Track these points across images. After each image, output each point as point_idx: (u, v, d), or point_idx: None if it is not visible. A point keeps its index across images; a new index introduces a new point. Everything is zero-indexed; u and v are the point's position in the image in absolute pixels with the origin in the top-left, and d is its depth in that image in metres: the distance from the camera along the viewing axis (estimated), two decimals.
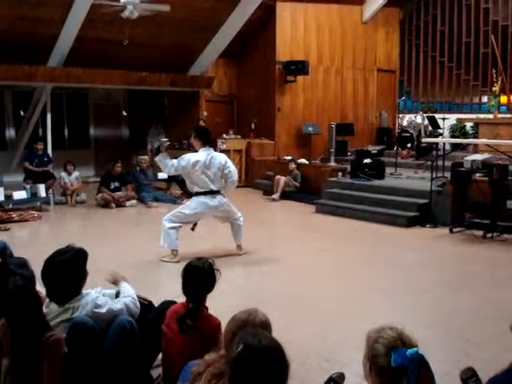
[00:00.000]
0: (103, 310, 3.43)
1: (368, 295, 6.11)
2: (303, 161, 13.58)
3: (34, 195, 11.02)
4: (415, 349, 2.09)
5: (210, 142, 7.54)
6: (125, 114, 15.67)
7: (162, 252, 7.40)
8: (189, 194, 12.38)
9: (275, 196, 12.47)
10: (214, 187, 7.29)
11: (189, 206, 7.41)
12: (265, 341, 2.13)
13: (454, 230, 9.13)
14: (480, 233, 8.80)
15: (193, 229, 7.61)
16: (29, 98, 14.27)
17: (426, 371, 2.09)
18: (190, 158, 7.21)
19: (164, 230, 7.29)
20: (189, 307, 3.40)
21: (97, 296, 3.52)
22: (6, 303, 3.04)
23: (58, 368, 3.01)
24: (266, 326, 2.64)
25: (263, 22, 14.71)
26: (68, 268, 3.37)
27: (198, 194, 7.30)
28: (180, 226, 7.37)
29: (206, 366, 2.48)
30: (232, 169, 7.40)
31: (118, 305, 3.54)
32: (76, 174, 12.26)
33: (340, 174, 12.25)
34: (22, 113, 14.79)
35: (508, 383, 2.37)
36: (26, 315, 2.99)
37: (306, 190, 12.51)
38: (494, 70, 13.56)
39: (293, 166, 12.94)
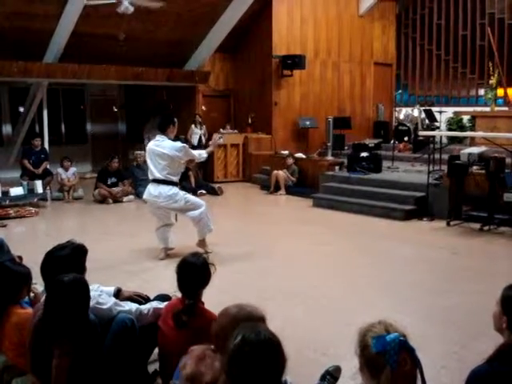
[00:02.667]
0: (104, 307, 3.44)
1: (365, 288, 6.12)
2: (300, 155, 13.58)
3: (30, 191, 11.04)
4: (395, 333, 2.11)
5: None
6: (116, 110, 15.61)
7: (158, 246, 7.40)
8: (185, 189, 12.47)
9: (281, 191, 12.50)
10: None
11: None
12: (263, 334, 2.15)
13: (451, 223, 9.14)
14: (477, 226, 8.82)
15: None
16: (25, 94, 14.24)
17: (408, 355, 2.10)
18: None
19: None
20: (185, 303, 3.41)
21: (99, 294, 3.53)
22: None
23: (66, 363, 3.02)
24: (257, 319, 2.64)
25: (259, 16, 14.68)
26: (67, 263, 3.37)
27: None
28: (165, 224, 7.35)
29: (189, 354, 2.51)
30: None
31: (144, 306, 3.64)
32: (73, 169, 12.26)
33: (337, 167, 12.26)
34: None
35: (489, 373, 2.38)
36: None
37: (304, 184, 12.53)
38: (490, 63, 13.54)
39: (290, 160, 12.95)
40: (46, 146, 13.01)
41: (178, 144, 7.14)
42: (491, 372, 2.38)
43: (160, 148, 7.03)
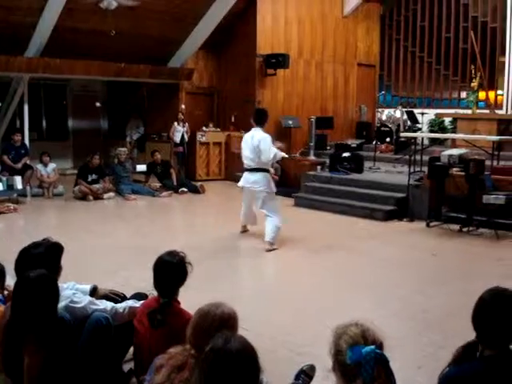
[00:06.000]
0: (78, 305, 3.41)
1: (343, 289, 6.13)
2: (283, 154, 13.53)
3: (10, 187, 10.91)
4: (371, 347, 2.09)
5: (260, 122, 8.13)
6: (98, 105, 15.50)
7: (137, 244, 7.36)
8: (167, 187, 12.44)
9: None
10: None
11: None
12: (233, 344, 2.10)
13: (431, 224, 9.19)
14: (456, 227, 8.88)
15: None
16: (6, 89, 14.08)
17: (383, 368, 2.09)
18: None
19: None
20: (160, 302, 3.38)
21: (73, 293, 3.49)
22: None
23: (38, 361, 2.98)
24: (227, 319, 2.63)
25: (244, 15, 14.64)
26: (42, 260, 3.34)
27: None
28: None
29: (168, 359, 2.47)
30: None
31: (118, 305, 3.62)
32: (53, 165, 12.12)
33: (319, 167, 12.28)
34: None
35: (460, 374, 2.40)
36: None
37: (285, 184, 12.52)
38: (472, 66, 13.63)
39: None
40: (27, 141, 12.88)
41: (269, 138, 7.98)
42: (462, 372, 2.40)
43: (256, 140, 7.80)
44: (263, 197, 7.92)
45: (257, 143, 7.81)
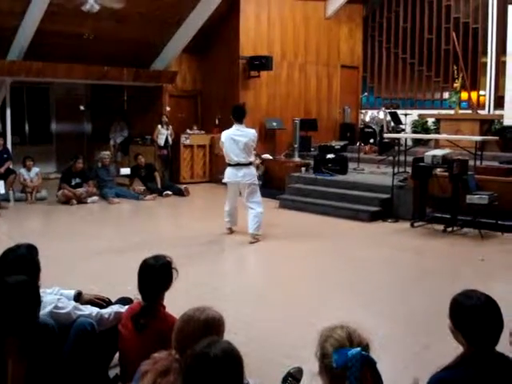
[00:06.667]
0: (63, 311, 3.38)
1: (329, 290, 6.14)
2: (267, 156, 13.59)
3: None
4: (357, 349, 2.08)
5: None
6: (82, 108, 15.43)
7: (122, 248, 7.31)
8: (151, 190, 12.39)
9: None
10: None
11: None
12: (214, 349, 2.08)
13: (415, 224, 9.24)
14: (440, 227, 8.93)
15: None
16: None
17: (370, 371, 2.09)
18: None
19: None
20: (142, 306, 3.36)
21: (58, 298, 3.46)
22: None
23: (21, 369, 2.94)
24: (212, 323, 2.61)
25: (227, 17, 14.62)
26: (22, 263, 3.32)
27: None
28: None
29: (152, 364, 2.46)
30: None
31: (105, 310, 3.60)
32: (36, 170, 12.02)
33: (303, 169, 12.29)
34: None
35: (448, 379, 2.41)
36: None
37: (270, 186, 12.52)
38: (455, 67, 13.74)
39: (257, 161, 12.94)
40: (9, 145, 12.77)
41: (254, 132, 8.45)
42: (451, 378, 2.40)
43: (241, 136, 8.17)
44: (251, 189, 8.24)
45: (245, 139, 8.16)
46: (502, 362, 2.43)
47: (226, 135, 8.30)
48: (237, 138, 8.14)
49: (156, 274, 3.40)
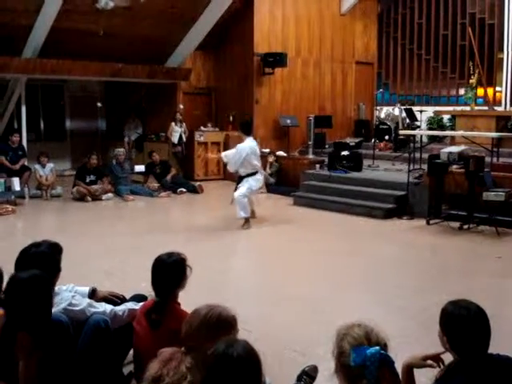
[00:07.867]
0: (77, 308, 3.37)
1: (345, 288, 6.10)
2: (281, 153, 13.56)
3: (8, 189, 10.86)
4: (376, 348, 2.05)
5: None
6: (100, 105, 15.49)
7: (136, 245, 7.32)
8: (166, 187, 12.40)
9: (262, 190, 12.25)
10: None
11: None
12: (235, 349, 2.07)
13: (431, 221, 9.16)
14: (456, 224, 8.85)
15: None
16: (3, 90, 14.05)
17: (388, 370, 2.06)
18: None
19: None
20: (155, 301, 3.35)
21: (72, 295, 3.46)
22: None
23: (33, 365, 2.94)
24: (224, 321, 2.59)
25: (241, 14, 14.60)
26: (42, 261, 3.31)
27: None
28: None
29: (158, 356, 2.47)
30: None
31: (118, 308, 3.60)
32: (50, 165, 12.08)
33: (318, 166, 12.24)
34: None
35: None
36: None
37: (284, 183, 12.49)
38: (471, 63, 13.63)
39: (272, 158, 12.93)
40: (25, 142, 12.85)
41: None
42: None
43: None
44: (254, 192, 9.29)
45: (256, 151, 9.03)
46: (491, 364, 2.40)
47: (243, 148, 8.99)
48: (254, 149, 9.06)
49: (168, 270, 3.39)
